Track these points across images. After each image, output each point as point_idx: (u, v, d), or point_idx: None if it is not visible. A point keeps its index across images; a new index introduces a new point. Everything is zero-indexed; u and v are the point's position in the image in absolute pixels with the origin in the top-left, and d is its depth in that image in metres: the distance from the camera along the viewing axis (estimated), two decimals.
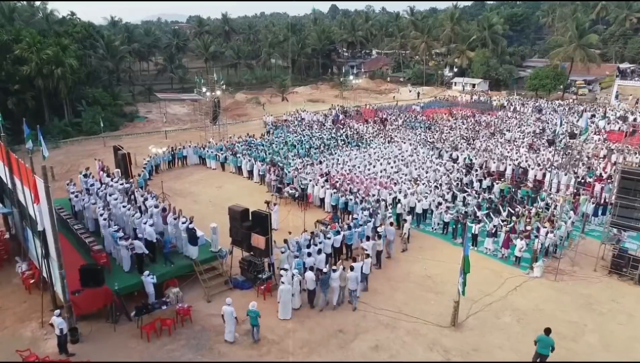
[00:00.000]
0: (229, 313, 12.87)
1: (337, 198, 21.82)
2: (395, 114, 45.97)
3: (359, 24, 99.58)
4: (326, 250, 16.63)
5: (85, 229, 17.31)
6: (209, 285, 15.30)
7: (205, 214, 22.22)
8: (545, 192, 23.32)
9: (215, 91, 35.48)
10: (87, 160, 31.97)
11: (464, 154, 30.14)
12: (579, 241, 19.26)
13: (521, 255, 17.45)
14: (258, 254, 15.42)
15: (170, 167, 30.49)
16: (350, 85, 66.50)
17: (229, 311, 12.88)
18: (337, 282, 14.77)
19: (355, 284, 14.78)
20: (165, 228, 16.38)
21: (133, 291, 14.49)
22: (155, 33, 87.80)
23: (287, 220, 21.44)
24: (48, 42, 41.56)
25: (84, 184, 20.56)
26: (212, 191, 26.28)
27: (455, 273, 16.63)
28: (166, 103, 52.29)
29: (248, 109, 57.34)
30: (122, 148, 23.82)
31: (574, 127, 37.62)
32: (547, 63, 70.98)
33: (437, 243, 19.75)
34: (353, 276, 14.65)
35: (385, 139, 35.39)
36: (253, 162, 27.89)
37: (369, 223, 18.33)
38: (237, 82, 76.55)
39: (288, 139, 34.42)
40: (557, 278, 16.59)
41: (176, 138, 38.21)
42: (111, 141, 37.94)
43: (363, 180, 24.33)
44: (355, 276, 14.68)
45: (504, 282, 16.44)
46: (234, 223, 15.67)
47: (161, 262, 15.47)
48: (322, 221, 19.92)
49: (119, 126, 45.30)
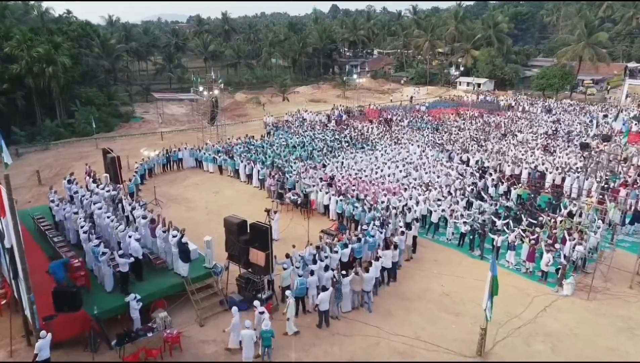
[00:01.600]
0: (248, 338, 11.42)
1: (342, 205, 20.16)
2: (400, 114, 44.24)
3: (361, 23, 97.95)
4: (333, 265, 14.95)
5: (66, 242, 15.67)
6: (201, 307, 13.62)
7: (201, 223, 20.64)
8: (567, 198, 21.61)
9: (213, 90, 33.76)
10: (78, 163, 30.31)
11: (476, 156, 28.45)
12: (610, 253, 17.56)
13: (548, 270, 15.77)
14: (257, 271, 13.74)
15: (164, 170, 28.82)
16: (353, 85, 64.79)
17: (248, 335, 11.43)
18: (348, 287, 13.70)
19: (371, 285, 14.08)
20: (154, 242, 14.73)
21: (116, 315, 12.83)
22: (154, 33, 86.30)
23: (289, 229, 19.78)
24: (40, 40, 39.99)
25: (67, 191, 18.89)
26: (208, 196, 24.62)
27: (475, 290, 15.11)
28: (163, 103, 50.65)
29: (248, 109, 55.69)
30: (112, 150, 22.15)
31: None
32: (553, 62, 69.38)
33: (452, 255, 18.06)
34: (369, 277, 13.91)
35: (391, 140, 33.70)
36: (252, 165, 26.23)
37: (380, 234, 16.66)
38: (237, 82, 74.86)
39: (289, 141, 32.75)
40: (589, 297, 14.91)
41: (172, 140, 36.49)
42: (104, 142, 36.25)
43: (370, 185, 22.64)
44: (371, 277, 14.00)
45: (531, 301, 14.76)
46: (230, 236, 13.99)
47: (150, 280, 13.82)
48: (327, 231, 18.25)
49: (114, 127, 43.64)
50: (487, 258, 17.47)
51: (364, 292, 14.21)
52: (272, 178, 23.73)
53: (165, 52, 79.08)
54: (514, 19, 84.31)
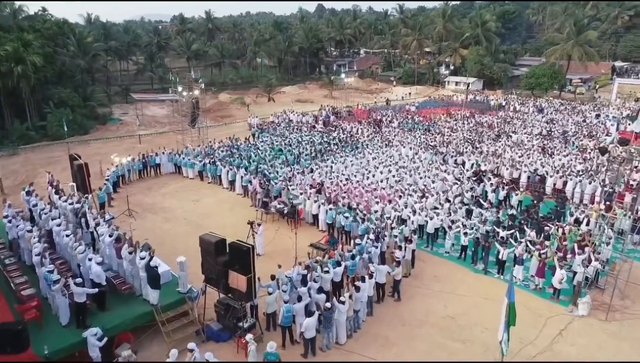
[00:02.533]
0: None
1: (333, 215, 18.52)
2: (390, 115, 42.78)
3: (347, 22, 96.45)
4: (325, 286, 13.32)
5: (20, 264, 13.73)
6: (174, 339, 11.83)
7: (178, 235, 18.86)
8: (572, 204, 20.28)
9: (194, 90, 31.80)
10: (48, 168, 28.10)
11: (471, 159, 27.06)
12: (623, 265, 16.22)
13: (561, 287, 14.33)
14: (238, 297, 12.01)
15: (141, 176, 26.83)
16: (340, 84, 63.19)
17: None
18: (344, 316, 12.08)
19: (360, 304, 12.69)
20: (120, 264, 12.90)
21: (72, 353, 10.99)
22: (136, 32, 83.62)
23: (274, 242, 18.08)
24: (8, 38, 37.56)
25: (27, 203, 16.90)
26: (187, 205, 22.76)
27: (481, 311, 13.67)
28: (143, 104, 48.42)
29: (232, 110, 53.72)
30: (79, 156, 20.17)
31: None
32: (541, 62, 68.80)
33: (453, 270, 16.53)
34: (359, 295, 12.52)
35: (382, 142, 32.18)
36: (235, 171, 24.44)
37: (375, 248, 15.07)
38: (222, 82, 72.77)
39: (275, 144, 31.00)
40: (608, 317, 13.51)
41: (151, 143, 34.55)
42: (77, 146, 34.16)
43: (362, 192, 21.02)
44: (361, 295, 12.61)
45: (545, 323, 13.29)
46: (207, 257, 12.22)
47: (115, 310, 11.99)
48: (317, 245, 16.58)
49: (90, 129, 41.30)
50: (492, 272, 16.07)
51: (355, 312, 12.67)
52: (256, 184, 21.98)
53: (147, 51, 76.60)
54: (502, 18, 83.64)
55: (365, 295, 12.88)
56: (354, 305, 12.44)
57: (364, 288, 12.66)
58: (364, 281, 12.81)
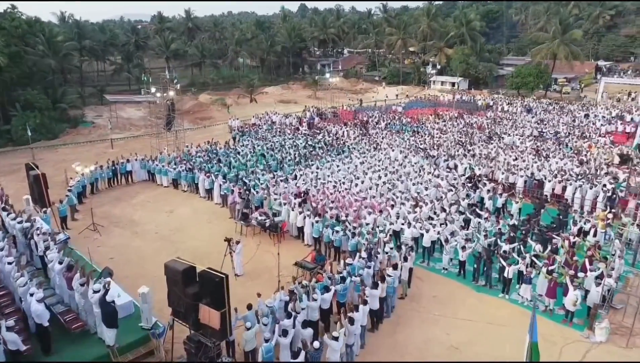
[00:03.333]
0: None
1: (319, 228, 16.84)
2: (376, 116, 41.29)
3: (331, 22, 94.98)
4: (312, 316, 11.64)
5: None
6: None
7: (148, 254, 16.95)
8: (574, 212, 18.96)
9: (168, 91, 29.75)
10: (7, 178, 25.89)
11: (464, 163, 25.68)
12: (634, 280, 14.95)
13: (575, 309, 12.91)
14: (210, 335, 10.23)
15: (111, 185, 24.76)
16: (325, 84, 61.54)
17: None
18: (337, 354, 10.50)
19: (354, 337, 11.19)
20: (71, 296, 11.00)
21: None
22: (113, 31, 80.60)
23: (255, 259, 16.29)
24: None
25: None
26: (160, 217, 20.82)
27: (488, 339, 12.20)
28: (117, 106, 46.02)
29: (213, 111, 51.56)
30: (36, 166, 18.05)
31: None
32: (525, 61, 68.30)
33: (454, 288, 15.00)
34: (353, 328, 10.99)
35: (370, 145, 30.62)
36: (213, 178, 22.58)
37: (367, 269, 13.45)
38: (202, 83, 70.46)
39: (257, 148, 29.18)
40: (629, 343, 12.12)
41: (124, 147, 32.33)
42: (43, 152, 31.91)
43: (352, 201, 19.38)
44: (355, 328, 11.08)
45: (561, 352, 11.85)
46: (174, 287, 10.39)
47: (63, 352, 10.11)
48: (302, 264, 14.88)
49: (59, 133, 38.81)
50: (497, 288, 14.60)
51: (348, 347, 11.07)
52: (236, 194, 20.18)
53: (124, 51, 73.77)
54: (486, 17, 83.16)
55: (359, 326, 11.27)
56: (346, 339, 10.82)
57: (357, 318, 11.03)
58: (358, 310, 11.19)
